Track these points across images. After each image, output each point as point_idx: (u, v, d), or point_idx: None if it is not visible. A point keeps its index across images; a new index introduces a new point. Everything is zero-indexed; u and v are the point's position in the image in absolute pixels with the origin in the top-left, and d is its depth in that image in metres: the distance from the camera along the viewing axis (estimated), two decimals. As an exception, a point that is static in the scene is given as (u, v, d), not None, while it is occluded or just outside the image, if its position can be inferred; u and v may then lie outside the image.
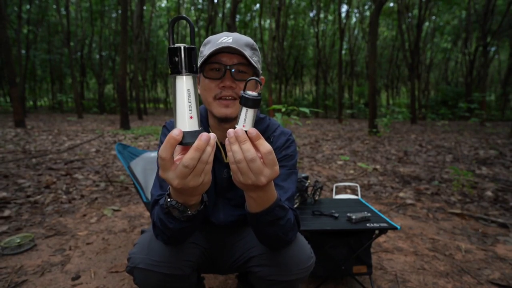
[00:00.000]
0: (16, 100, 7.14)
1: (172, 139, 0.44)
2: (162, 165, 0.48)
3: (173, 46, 0.44)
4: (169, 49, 0.44)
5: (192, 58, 0.45)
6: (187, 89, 0.45)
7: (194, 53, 0.45)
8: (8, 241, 1.54)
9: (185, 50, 0.44)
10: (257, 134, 0.50)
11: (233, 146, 0.50)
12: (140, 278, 0.72)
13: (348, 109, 16.25)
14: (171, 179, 0.49)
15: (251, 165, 0.50)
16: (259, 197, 0.59)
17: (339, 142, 6.18)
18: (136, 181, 1.38)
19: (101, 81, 16.59)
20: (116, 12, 16.17)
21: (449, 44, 19.15)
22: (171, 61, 0.44)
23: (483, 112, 9.02)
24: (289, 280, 0.75)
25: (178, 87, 0.45)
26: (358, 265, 1.25)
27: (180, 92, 0.45)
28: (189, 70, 0.44)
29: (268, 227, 0.65)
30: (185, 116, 0.45)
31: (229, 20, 8.74)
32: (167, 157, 0.46)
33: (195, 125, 0.46)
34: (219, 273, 0.99)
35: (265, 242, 0.73)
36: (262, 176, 0.51)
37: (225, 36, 0.74)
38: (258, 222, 0.64)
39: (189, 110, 0.45)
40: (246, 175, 0.51)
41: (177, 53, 0.44)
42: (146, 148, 4.90)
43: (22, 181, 2.70)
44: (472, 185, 2.81)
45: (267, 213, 0.62)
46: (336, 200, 1.55)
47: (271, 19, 10.40)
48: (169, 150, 0.45)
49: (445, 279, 1.36)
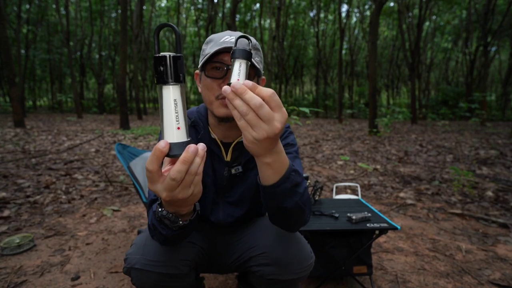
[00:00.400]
0: (15, 100, 7.13)
1: (158, 151, 0.43)
2: (149, 178, 0.47)
3: (159, 55, 0.43)
4: (154, 58, 0.43)
5: (178, 67, 0.43)
6: (174, 99, 0.44)
7: (180, 62, 0.44)
8: (7, 241, 1.54)
9: (171, 59, 0.43)
10: (254, 84, 0.47)
11: (234, 102, 0.47)
12: (137, 278, 0.72)
13: (348, 109, 16.24)
14: (160, 191, 0.47)
15: (260, 112, 0.46)
16: (276, 161, 0.56)
17: (339, 142, 6.18)
18: (135, 181, 1.38)
19: (100, 81, 16.58)
20: (115, 11, 16.16)
21: (449, 43, 19.14)
22: (157, 70, 0.43)
23: (483, 112, 9.01)
24: (289, 280, 0.75)
25: (164, 97, 0.44)
26: (359, 265, 1.24)
27: (167, 102, 0.44)
28: (176, 79, 0.43)
29: (288, 198, 0.62)
30: (173, 127, 0.44)
31: (229, 20, 8.74)
32: (154, 170, 0.45)
33: (182, 136, 0.45)
34: (218, 272, 0.99)
35: (285, 220, 0.68)
36: (275, 121, 0.48)
37: (228, 35, 0.73)
38: (277, 194, 0.60)
39: (176, 121, 0.44)
40: (258, 126, 0.47)
41: (162, 62, 0.43)
42: (145, 148, 4.89)
43: (22, 181, 2.70)
44: (472, 185, 2.80)
45: (285, 179, 0.59)
46: (336, 200, 1.54)
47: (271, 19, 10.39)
48: (156, 162, 0.44)
49: (446, 280, 1.36)
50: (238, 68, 0.48)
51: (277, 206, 0.64)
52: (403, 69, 19.73)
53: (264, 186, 0.61)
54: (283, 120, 0.48)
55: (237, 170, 0.82)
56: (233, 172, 0.83)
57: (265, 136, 0.48)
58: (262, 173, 0.59)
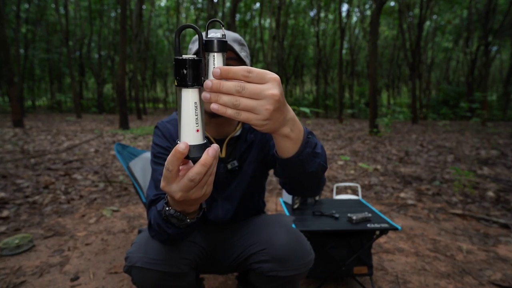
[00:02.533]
0: (14, 100, 7.12)
1: (178, 153, 0.43)
2: (167, 178, 0.46)
3: (180, 57, 0.43)
4: (175, 60, 0.43)
5: (199, 70, 0.43)
6: (194, 102, 0.44)
7: (201, 65, 0.44)
8: (6, 242, 1.53)
9: (192, 62, 0.42)
10: (223, 69, 0.42)
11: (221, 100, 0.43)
12: (138, 277, 0.72)
13: (348, 109, 16.21)
14: (174, 191, 0.47)
15: (246, 92, 0.42)
16: (293, 130, 0.52)
17: (340, 142, 6.17)
18: (135, 181, 1.37)
19: (100, 80, 16.56)
20: (115, 11, 16.13)
21: (450, 43, 19.10)
22: (178, 73, 0.43)
23: (484, 112, 8.99)
24: (289, 276, 0.75)
25: (184, 100, 0.44)
26: (359, 266, 1.24)
27: (187, 105, 0.44)
28: (196, 82, 0.43)
29: (311, 162, 0.59)
30: (192, 130, 0.44)
31: (229, 20, 8.72)
32: (174, 170, 0.45)
33: (201, 139, 0.45)
34: (218, 273, 0.99)
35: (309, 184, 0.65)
36: (267, 91, 0.43)
37: (213, 32, 0.74)
38: (301, 162, 0.57)
39: (196, 124, 0.44)
40: (256, 107, 0.43)
41: (184, 65, 0.42)
42: (145, 148, 4.89)
43: (21, 181, 2.69)
44: (473, 185, 2.79)
45: (305, 146, 0.56)
46: (337, 201, 1.53)
47: (271, 18, 10.38)
48: (176, 163, 0.44)
49: (446, 280, 1.35)
50: (213, 63, 0.45)
51: (301, 173, 0.61)
52: (404, 69, 19.70)
53: (285, 159, 0.57)
54: (276, 83, 0.44)
55: (233, 165, 0.84)
56: (230, 168, 0.84)
57: (269, 110, 0.44)
58: (281, 147, 0.56)
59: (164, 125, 0.86)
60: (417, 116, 11.53)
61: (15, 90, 7.11)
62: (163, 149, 0.82)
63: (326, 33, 18.66)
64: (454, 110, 12.39)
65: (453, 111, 12.26)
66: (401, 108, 10.32)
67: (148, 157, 1.58)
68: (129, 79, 15.34)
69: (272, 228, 0.80)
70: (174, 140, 0.84)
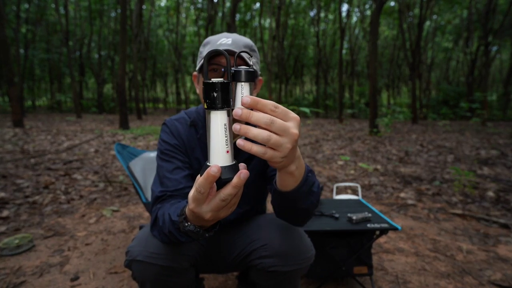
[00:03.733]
0: (14, 100, 7.12)
1: (211, 177, 0.44)
2: (198, 199, 0.47)
3: (210, 81, 0.44)
4: (204, 84, 0.44)
5: (228, 93, 0.45)
6: (224, 124, 0.45)
7: (230, 87, 0.45)
8: (6, 242, 1.53)
9: (222, 85, 0.44)
10: (253, 99, 0.43)
11: (251, 133, 0.43)
12: (138, 271, 0.72)
13: (348, 109, 16.21)
14: (205, 212, 0.49)
15: (274, 127, 0.43)
16: (297, 168, 0.55)
17: (340, 142, 6.17)
18: (135, 181, 1.37)
19: (100, 80, 16.56)
20: (115, 11, 16.13)
21: (450, 43, 19.10)
22: (208, 96, 0.44)
23: (484, 112, 8.98)
24: (290, 271, 0.76)
25: (214, 122, 0.45)
26: (359, 266, 1.24)
27: (216, 127, 0.45)
28: (226, 105, 0.45)
29: (305, 199, 0.62)
30: (223, 151, 0.45)
31: (229, 20, 8.72)
32: (206, 192, 0.46)
33: (230, 159, 0.46)
34: (218, 272, 0.99)
35: (298, 217, 0.69)
36: (291, 129, 0.45)
37: (225, 37, 0.74)
38: (296, 197, 0.60)
39: (226, 145, 0.45)
40: (281, 145, 0.45)
41: (214, 89, 0.44)
42: (145, 148, 4.89)
43: (21, 181, 2.69)
44: (473, 185, 2.79)
45: (304, 183, 0.59)
46: (337, 201, 1.53)
47: (271, 18, 10.37)
48: (208, 186, 0.45)
49: (446, 280, 1.35)
50: (241, 92, 0.46)
51: (292, 207, 0.64)
52: (404, 69, 19.70)
53: (283, 192, 0.61)
54: (297, 123, 0.47)
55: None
56: None
57: (289, 148, 0.46)
58: (283, 181, 0.59)
59: (173, 123, 0.86)
60: (417, 116, 11.53)
61: (15, 90, 7.11)
62: (171, 146, 0.82)
63: (326, 33, 18.65)
64: (454, 110, 12.38)
65: (453, 111, 12.26)
66: (401, 108, 10.32)
67: (148, 157, 1.58)
68: (129, 79, 15.34)
69: (273, 225, 0.81)
70: (181, 138, 0.84)
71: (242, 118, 0.43)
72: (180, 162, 0.81)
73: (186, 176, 0.79)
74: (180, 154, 0.82)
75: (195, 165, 0.84)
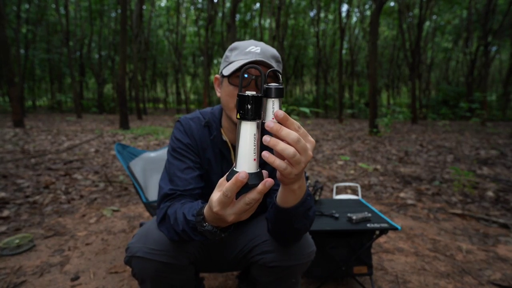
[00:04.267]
0: (15, 100, 7.12)
1: (239, 182, 0.47)
2: (223, 202, 0.50)
3: (244, 94, 0.47)
4: (239, 96, 0.48)
5: (260, 106, 0.48)
6: (254, 134, 0.48)
7: (262, 101, 0.49)
8: (7, 242, 1.53)
9: (255, 98, 0.47)
10: (285, 115, 0.47)
11: (278, 146, 0.47)
12: (138, 267, 0.73)
13: (348, 109, 16.21)
14: (228, 214, 0.52)
15: (299, 146, 0.47)
16: (300, 187, 0.59)
17: (340, 142, 6.17)
18: (135, 181, 1.37)
19: (100, 80, 16.56)
20: (115, 11, 16.13)
21: (450, 43, 19.11)
22: (241, 107, 0.47)
23: (484, 112, 8.99)
24: (291, 266, 0.77)
25: (244, 131, 0.48)
26: (359, 266, 1.24)
27: (246, 136, 0.48)
28: (257, 117, 0.48)
29: (299, 221, 0.66)
30: (250, 159, 0.49)
31: (229, 20, 8.72)
32: (232, 197, 0.49)
33: (256, 167, 0.50)
34: (219, 271, 1.00)
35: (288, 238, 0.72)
36: (308, 150, 0.49)
37: (253, 45, 0.76)
38: (292, 216, 0.64)
39: (254, 153, 0.49)
40: (300, 163, 0.48)
41: (248, 101, 0.47)
42: (145, 148, 4.89)
43: (21, 181, 2.70)
44: (473, 185, 2.80)
45: (302, 203, 0.62)
46: (337, 201, 1.54)
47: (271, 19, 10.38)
48: (235, 191, 0.48)
49: (446, 280, 1.35)
50: (272, 107, 0.50)
51: (286, 225, 0.67)
52: (404, 69, 19.70)
53: (281, 208, 0.64)
54: (313, 146, 0.51)
55: None
56: None
57: (303, 167, 0.50)
58: (284, 197, 0.62)
59: (187, 122, 0.87)
60: (417, 116, 11.53)
61: (16, 90, 7.11)
62: (184, 145, 0.83)
63: (326, 33, 18.66)
64: (453, 110, 12.38)
65: (453, 111, 12.26)
66: (401, 108, 10.31)
67: (148, 157, 1.58)
68: (129, 79, 15.33)
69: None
70: (194, 138, 0.85)
71: (273, 130, 0.47)
72: (192, 162, 0.81)
73: (196, 176, 0.80)
74: (192, 154, 0.83)
75: (205, 165, 0.85)
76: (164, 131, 7.26)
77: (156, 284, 0.74)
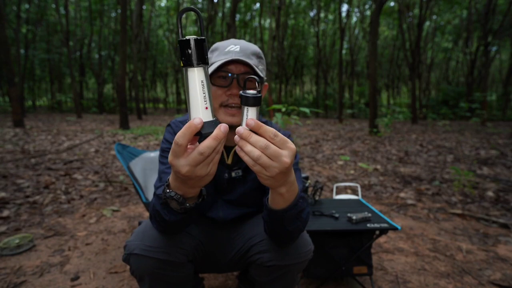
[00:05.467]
0: (15, 100, 7.12)
1: (193, 126, 0.45)
2: (175, 151, 0.48)
3: (184, 38, 0.45)
4: (179, 41, 0.45)
5: (203, 50, 0.45)
6: (201, 80, 0.46)
7: (205, 44, 0.45)
8: (7, 242, 1.53)
9: (196, 42, 0.44)
10: (257, 123, 0.48)
11: (245, 148, 0.49)
12: (136, 265, 0.73)
13: (348, 109, 16.22)
14: (181, 165, 0.49)
15: (268, 151, 0.49)
16: (288, 191, 0.59)
17: (340, 142, 6.17)
18: (135, 181, 1.37)
19: (100, 80, 16.56)
20: (115, 11, 16.14)
21: (450, 43, 19.11)
22: (183, 53, 0.45)
23: (484, 112, 8.99)
24: (288, 265, 0.77)
25: (191, 79, 0.45)
26: (359, 266, 1.24)
27: (194, 83, 0.45)
28: (201, 61, 0.45)
29: (292, 223, 0.66)
30: (201, 107, 0.46)
31: (229, 20, 8.72)
32: (184, 144, 0.47)
33: (210, 116, 0.47)
34: (218, 271, 1.00)
35: (283, 239, 0.73)
36: (283, 157, 0.50)
37: (233, 44, 0.76)
38: (283, 218, 0.64)
39: (204, 101, 0.46)
40: (269, 167, 0.50)
41: (189, 46, 0.44)
42: (145, 148, 4.89)
43: (21, 181, 2.70)
44: (473, 185, 2.80)
45: (293, 206, 0.62)
46: (337, 201, 1.54)
47: (271, 19, 10.38)
48: (188, 137, 0.46)
49: (446, 280, 1.35)
50: (246, 114, 0.50)
51: (279, 227, 0.68)
52: (404, 69, 19.70)
53: (272, 210, 0.64)
54: (291, 154, 0.51)
55: (237, 174, 0.86)
56: (233, 175, 0.86)
57: (277, 172, 0.50)
58: (273, 200, 0.62)
59: (177, 124, 0.88)
60: (417, 116, 11.53)
61: (16, 90, 7.11)
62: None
63: (326, 33, 18.67)
64: (453, 110, 12.35)
65: (453, 111, 12.24)
66: (401, 108, 10.32)
67: (148, 157, 1.58)
68: (129, 79, 15.33)
69: None
70: None
71: (242, 137, 0.48)
72: None
73: None
74: None
75: None
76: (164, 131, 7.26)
77: (154, 281, 0.74)
